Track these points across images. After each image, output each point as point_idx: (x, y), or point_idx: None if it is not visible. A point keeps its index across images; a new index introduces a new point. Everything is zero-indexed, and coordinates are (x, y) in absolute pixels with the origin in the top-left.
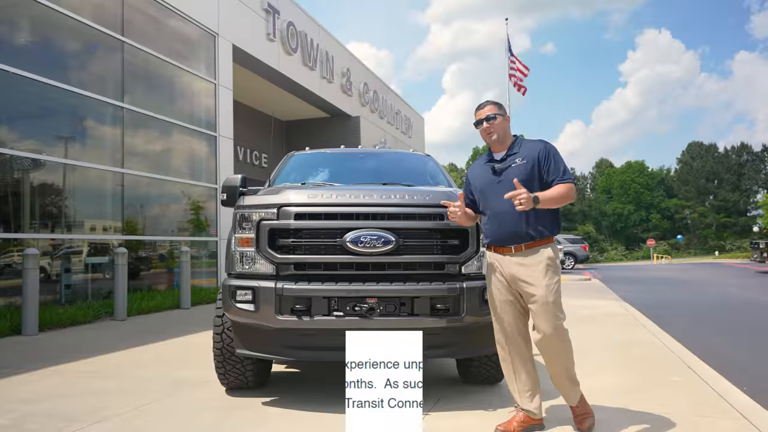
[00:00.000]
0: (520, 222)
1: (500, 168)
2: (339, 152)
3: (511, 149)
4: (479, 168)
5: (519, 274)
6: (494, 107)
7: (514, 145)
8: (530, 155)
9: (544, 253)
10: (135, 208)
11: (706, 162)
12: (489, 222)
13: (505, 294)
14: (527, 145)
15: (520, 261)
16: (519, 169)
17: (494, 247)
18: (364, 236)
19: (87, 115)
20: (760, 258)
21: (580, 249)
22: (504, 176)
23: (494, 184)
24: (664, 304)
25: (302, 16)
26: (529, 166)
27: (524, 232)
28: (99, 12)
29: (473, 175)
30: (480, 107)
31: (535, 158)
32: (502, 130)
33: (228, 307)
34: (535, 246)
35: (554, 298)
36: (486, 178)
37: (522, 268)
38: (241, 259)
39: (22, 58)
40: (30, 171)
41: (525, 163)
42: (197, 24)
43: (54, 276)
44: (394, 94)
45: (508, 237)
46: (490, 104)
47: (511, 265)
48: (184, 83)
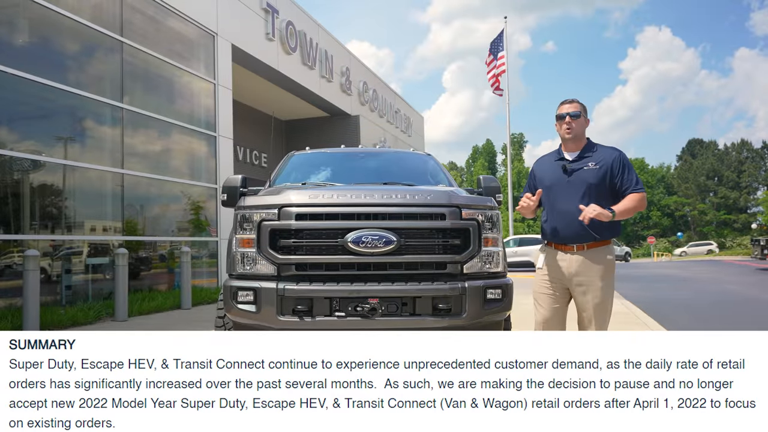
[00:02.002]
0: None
1: (572, 168)
2: (339, 152)
3: (585, 151)
4: (548, 164)
5: (578, 273)
6: (579, 106)
7: (588, 148)
8: (604, 162)
9: (605, 253)
10: (135, 209)
11: (706, 159)
12: (553, 219)
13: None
14: (602, 150)
15: (579, 258)
16: (591, 173)
17: (555, 244)
18: (365, 236)
19: (86, 116)
20: (761, 255)
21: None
22: (574, 177)
23: (563, 182)
24: (665, 301)
25: (301, 15)
26: (602, 172)
27: (588, 233)
28: (97, 12)
29: (540, 170)
30: (566, 102)
31: (609, 165)
32: (581, 130)
33: (229, 308)
34: (597, 246)
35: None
36: (555, 176)
37: (581, 266)
38: (242, 260)
39: (21, 59)
40: (30, 172)
41: (598, 168)
42: (196, 24)
43: (54, 277)
44: (394, 92)
45: (572, 236)
46: (577, 102)
47: (570, 262)
48: (184, 83)
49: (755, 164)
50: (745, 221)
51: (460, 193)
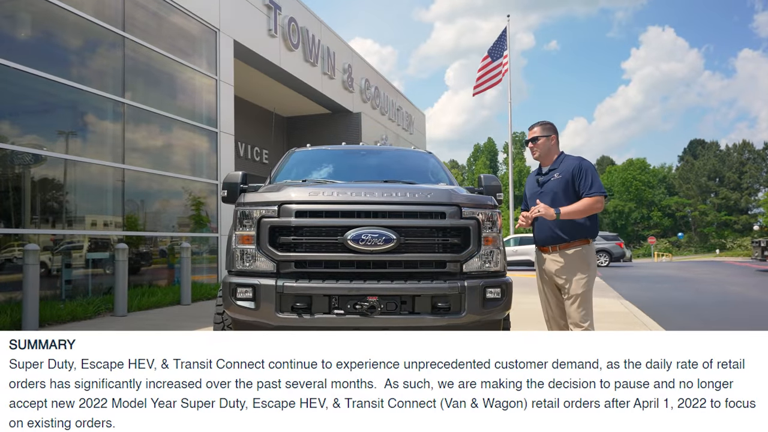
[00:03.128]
0: (554, 227)
1: (542, 180)
2: (340, 149)
3: (554, 164)
4: (530, 179)
5: (554, 270)
6: (540, 129)
7: (557, 161)
8: (566, 171)
9: (576, 253)
10: (136, 204)
11: (708, 160)
12: (534, 225)
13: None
14: (566, 161)
15: (555, 258)
16: (556, 183)
17: (538, 247)
18: (365, 234)
19: (88, 111)
20: (761, 256)
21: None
22: (545, 188)
23: (537, 193)
24: (664, 302)
25: (304, 11)
26: (563, 180)
27: (557, 235)
28: (100, 7)
29: (527, 185)
30: (530, 128)
31: (569, 173)
32: (545, 150)
33: (228, 305)
34: (568, 247)
35: (582, 291)
36: (533, 189)
37: (557, 265)
38: (242, 257)
39: (22, 54)
40: (31, 166)
41: (561, 177)
42: (198, 19)
43: (55, 271)
44: (396, 90)
45: (546, 239)
46: (538, 126)
47: (549, 262)
48: (185, 79)
49: (756, 165)
50: (746, 222)
51: (460, 192)
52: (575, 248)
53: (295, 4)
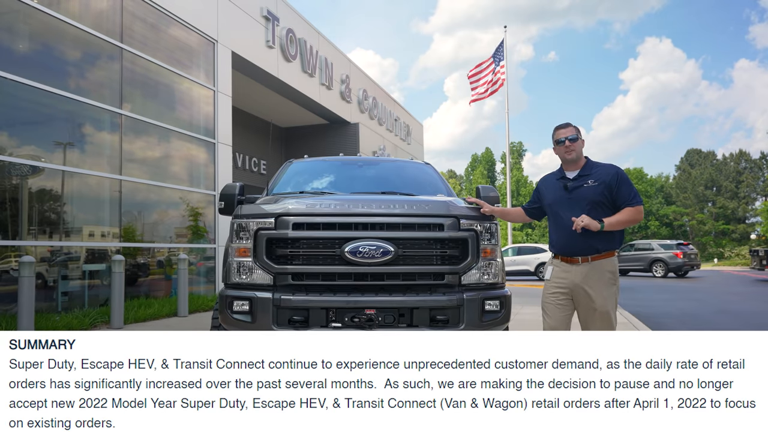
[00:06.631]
0: (587, 237)
1: (572, 186)
2: (338, 160)
3: (584, 170)
4: (551, 183)
5: (583, 283)
6: (575, 129)
7: (587, 166)
8: (602, 179)
9: (608, 264)
10: (133, 215)
11: (705, 169)
12: (558, 234)
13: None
14: (600, 168)
15: (583, 270)
16: (590, 190)
17: (561, 257)
18: (362, 246)
19: (85, 122)
20: (759, 266)
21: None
22: (575, 194)
23: (565, 200)
24: (663, 314)
25: (301, 23)
26: (600, 189)
27: (590, 245)
28: (98, 19)
29: (544, 188)
30: (562, 127)
31: (606, 182)
32: (579, 151)
33: (225, 318)
34: (600, 258)
35: (611, 308)
36: (557, 194)
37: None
38: (239, 269)
39: (20, 65)
40: (28, 177)
41: (597, 185)
42: (196, 31)
43: (51, 283)
44: (393, 100)
45: (579, 250)
46: (572, 126)
47: (575, 273)
48: (183, 90)
49: (753, 175)
50: (744, 231)
51: (458, 204)
52: (606, 259)
53: (293, 15)
